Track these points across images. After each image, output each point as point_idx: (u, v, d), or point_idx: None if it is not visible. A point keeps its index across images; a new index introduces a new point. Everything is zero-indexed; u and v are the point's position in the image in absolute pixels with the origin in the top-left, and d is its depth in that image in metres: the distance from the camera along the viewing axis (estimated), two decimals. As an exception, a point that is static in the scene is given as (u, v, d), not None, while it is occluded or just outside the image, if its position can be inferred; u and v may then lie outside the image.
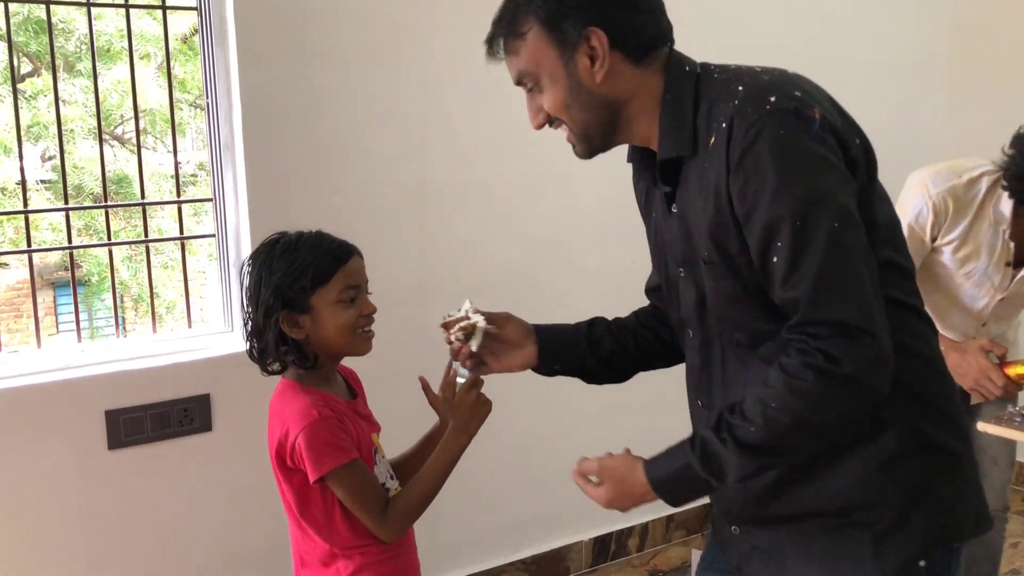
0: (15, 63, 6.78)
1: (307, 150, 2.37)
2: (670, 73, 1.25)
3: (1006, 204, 2.04)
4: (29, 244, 2.17)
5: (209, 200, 2.41)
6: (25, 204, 2.20)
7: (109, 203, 2.35)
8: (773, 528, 1.33)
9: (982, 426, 2.02)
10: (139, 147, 2.34)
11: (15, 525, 2.13)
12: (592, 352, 1.53)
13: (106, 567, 2.24)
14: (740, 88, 1.17)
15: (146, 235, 2.42)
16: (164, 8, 2.33)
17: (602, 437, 3.00)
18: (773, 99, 1.14)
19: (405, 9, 2.45)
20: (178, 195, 2.44)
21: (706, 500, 3.34)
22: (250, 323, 1.52)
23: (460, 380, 1.59)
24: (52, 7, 2.21)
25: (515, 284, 2.74)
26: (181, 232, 2.45)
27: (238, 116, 2.30)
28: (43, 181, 6.93)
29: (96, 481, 2.20)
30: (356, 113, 2.42)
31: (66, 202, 2.29)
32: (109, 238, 2.34)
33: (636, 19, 1.22)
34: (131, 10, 2.29)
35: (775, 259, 1.13)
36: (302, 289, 1.46)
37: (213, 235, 2.42)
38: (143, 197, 2.35)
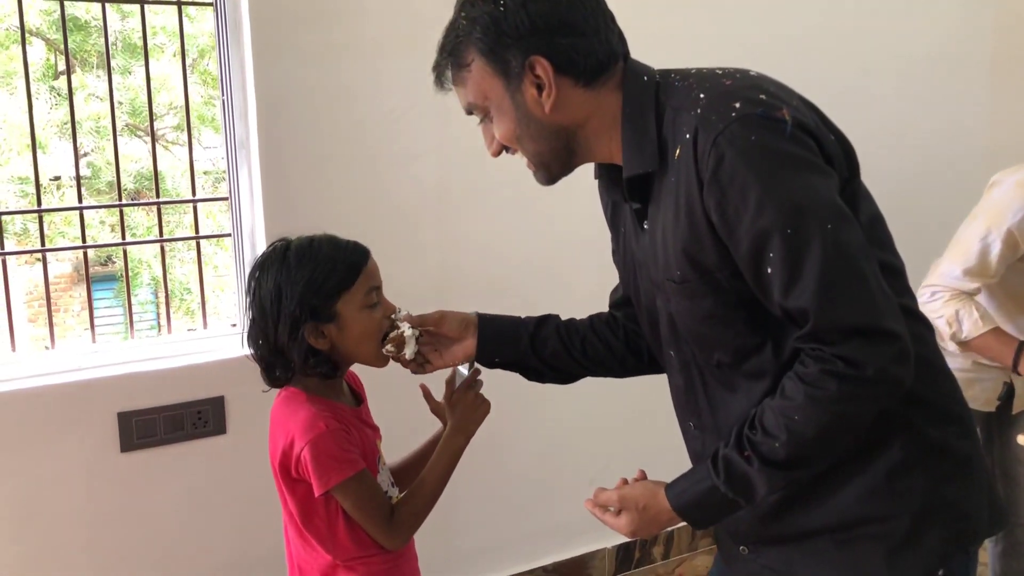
0: (48, 60, 6.86)
1: (323, 148, 2.33)
2: (628, 87, 1.19)
3: None
4: (43, 243, 2.16)
5: (225, 199, 2.38)
6: (39, 203, 2.18)
7: (123, 202, 2.32)
8: (783, 546, 1.27)
9: (1022, 439, 1.93)
10: (153, 145, 2.31)
11: (27, 526, 2.12)
12: (534, 350, 1.50)
13: (117, 569, 2.22)
14: (702, 96, 1.11)
15: (161, 234, 2.39)
16: (180, 4, 2.30)
17: (627, 444, 2.94)
18: (738, 105, 1.08)
19: (422, 4, 2.39)
20: (193, 194, 2.40)
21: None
22: (263, 338, 1.43)
23: (460, 379, 1.57)
24: (81, 4, 2.19)
25: (537, 284, 2.68)
26: (196, 231, 2.42)
27: (253, 114, 2.26)
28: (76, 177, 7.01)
29: (108, 483, 2.18)
30: (373, 110, 2.37)
31: (80, 201, 2.27)
32: (123, 237, 2.32)
33: (581, 43, 1.15)
34: (154, 7, 2.26)
35: (769, 270, 1.08)
36: (328, 296, 1.39)
37: (229, 234, 2.39)
38: (158, 195, 2.32)
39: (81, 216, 2.19)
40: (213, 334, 2.33)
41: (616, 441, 2.92)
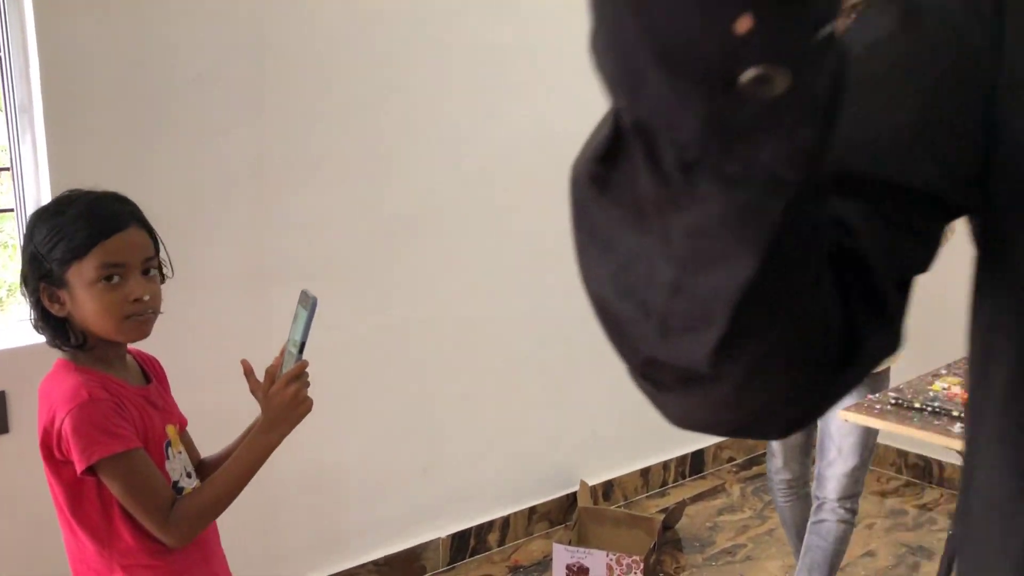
0: None
1: (120, 115, 2.11)
2: None
3: None
4: None
5: (6, 170, 2.12)
6: None
7: None
8: None
9: (842, 414, 1.96)
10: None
11: None
12: None
13: None
14: None
15: (-73, 210, 2.11)
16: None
17: (461, 431, 2.87)
18: None
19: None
20: (-34, 164, 2.13)
21: (570, 489, 3.24)
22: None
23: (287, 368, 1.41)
24: None
25: (363, 267, 2.55)
26: (-29, 207, 2.15)
27: (36, 74, 2.02)
28: None
29: None
30: (179, 73, 2.17)
31: None
32: None
33: None
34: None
35: None
36: (58, 262, 1.29)
37: (11, 210, 2.14)
38: (-77, 166, 2.04)
39: None
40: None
41: (449, 428, 2.84)
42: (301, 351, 1.40)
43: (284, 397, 1.39)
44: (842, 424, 2.19)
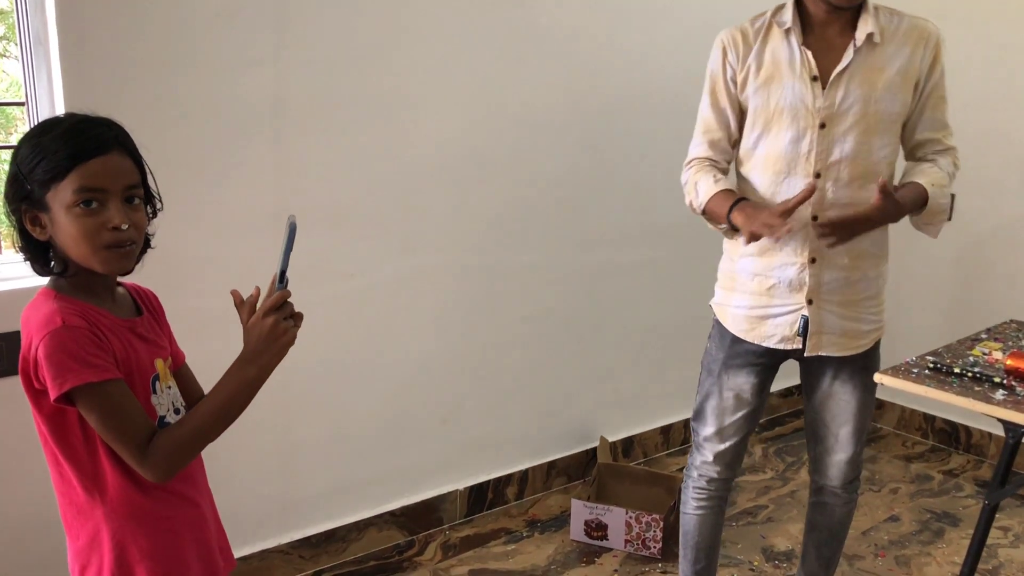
0: None
1: (138, 49, 2.04)
2: None
3: None
4: None
5: (21, 104, 2.06)
6: None
7: None
8: None
9: (879, 377, 1.89)
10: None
11: None
12: None
13: None
14: None
15: (-59, 144, 2.05)
16: None
17: (480, 382, 2.83)
18: None
19: None
20: (-19, 98, 2.07)
21: (590, 444, 3.20)
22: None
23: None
24: None
25: (383, 213, 2.48)
26: (-14, 142, 2.10)
27: (51, 6, 1.94)
28: None
29: None
30: (199, 7, 2.09)
31: None
32: None
33: None
34: None
35: None
36: (38, 183, 1.24)
37: (27, 147, 2.09)
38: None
39: None
40: (4, 260, 2.03)
41: (469, 380, 2.80)
42: (282, 280, 1.33)
43: (262, 328, 1.32)
44: (837, 413, 2.03)
